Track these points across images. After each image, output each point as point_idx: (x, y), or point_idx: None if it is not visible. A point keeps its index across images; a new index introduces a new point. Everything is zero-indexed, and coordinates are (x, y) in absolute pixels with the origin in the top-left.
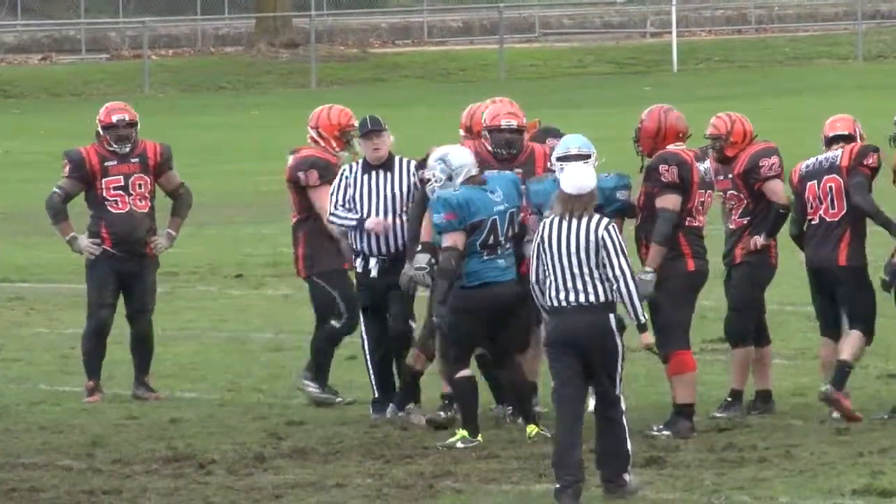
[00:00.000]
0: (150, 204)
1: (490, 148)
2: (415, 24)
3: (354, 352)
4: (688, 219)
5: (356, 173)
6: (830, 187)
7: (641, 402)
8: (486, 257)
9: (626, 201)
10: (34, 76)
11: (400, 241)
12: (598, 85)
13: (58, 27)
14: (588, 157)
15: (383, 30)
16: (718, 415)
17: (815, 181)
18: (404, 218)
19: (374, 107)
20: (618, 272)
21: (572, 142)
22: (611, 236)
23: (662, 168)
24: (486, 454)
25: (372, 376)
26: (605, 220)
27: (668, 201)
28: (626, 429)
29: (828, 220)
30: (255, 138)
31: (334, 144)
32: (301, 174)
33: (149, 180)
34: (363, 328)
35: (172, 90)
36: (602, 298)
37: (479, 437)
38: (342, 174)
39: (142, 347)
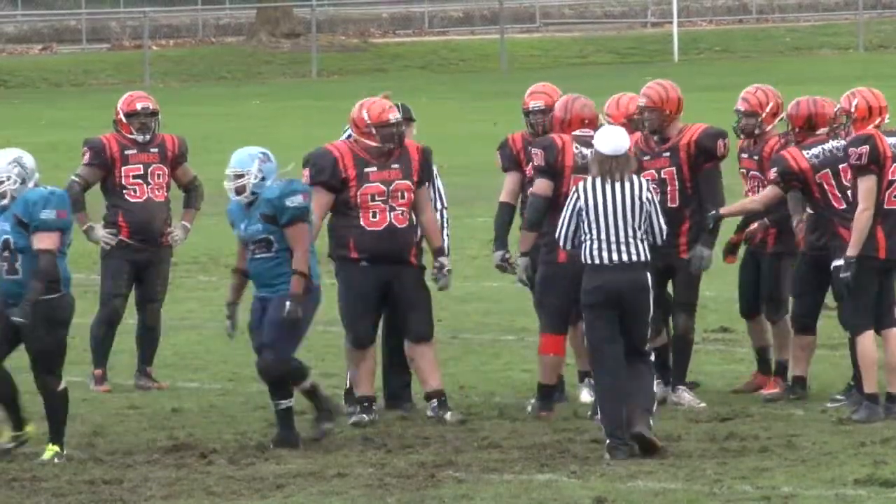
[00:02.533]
0: (166, 194)
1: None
2: (416, 14)
3: None
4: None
5: None
6: None
7: None
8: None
9: (302, 206)
10: (35, 66)
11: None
12: (600, 75)
13: (58, 17)
14: (241, 176)
15: (384, 20)
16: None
17: None
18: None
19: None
20: (657, 229)
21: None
22: (653, 198)
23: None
24: (488, 444)
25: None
26: (646, 181)
27: (536, 186)
28: (654, 376)
29: None
30: (255, 128)
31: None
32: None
33: (166, 171)
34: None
35: (173, 80)
36: (642, 257)
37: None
38: None
39: (148, 337)
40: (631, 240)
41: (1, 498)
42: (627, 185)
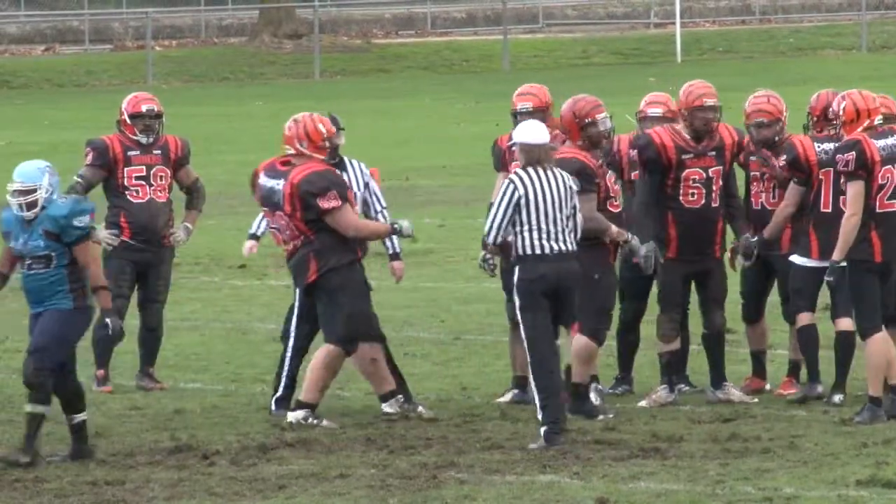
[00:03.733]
0: (168, 196)
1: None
2: (418, 15)
3: None
4: None
5: None
6: None
7: (646, 389)
8: None
9: (89, 225)
10: (37, 67)
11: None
12: (603, 75)
13: (61, 18)
14: (33, 191)
15: (387, 20)
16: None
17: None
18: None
19: (378, 98)
20: (579, 222)
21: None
22: (575, 188)
23: None
24: (490, 445)
25: (286, 371)
26: (567, 173)
27: None
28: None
29: None
30: (258, 129)
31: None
32: None
33: (169, 172)
34: (296, 325)
35: (176, 81)
36: (574, 247)
37: None
38: None
39: (150, 337)
40: (565, 229)
41: (4, 499)
42: (557, 172)
